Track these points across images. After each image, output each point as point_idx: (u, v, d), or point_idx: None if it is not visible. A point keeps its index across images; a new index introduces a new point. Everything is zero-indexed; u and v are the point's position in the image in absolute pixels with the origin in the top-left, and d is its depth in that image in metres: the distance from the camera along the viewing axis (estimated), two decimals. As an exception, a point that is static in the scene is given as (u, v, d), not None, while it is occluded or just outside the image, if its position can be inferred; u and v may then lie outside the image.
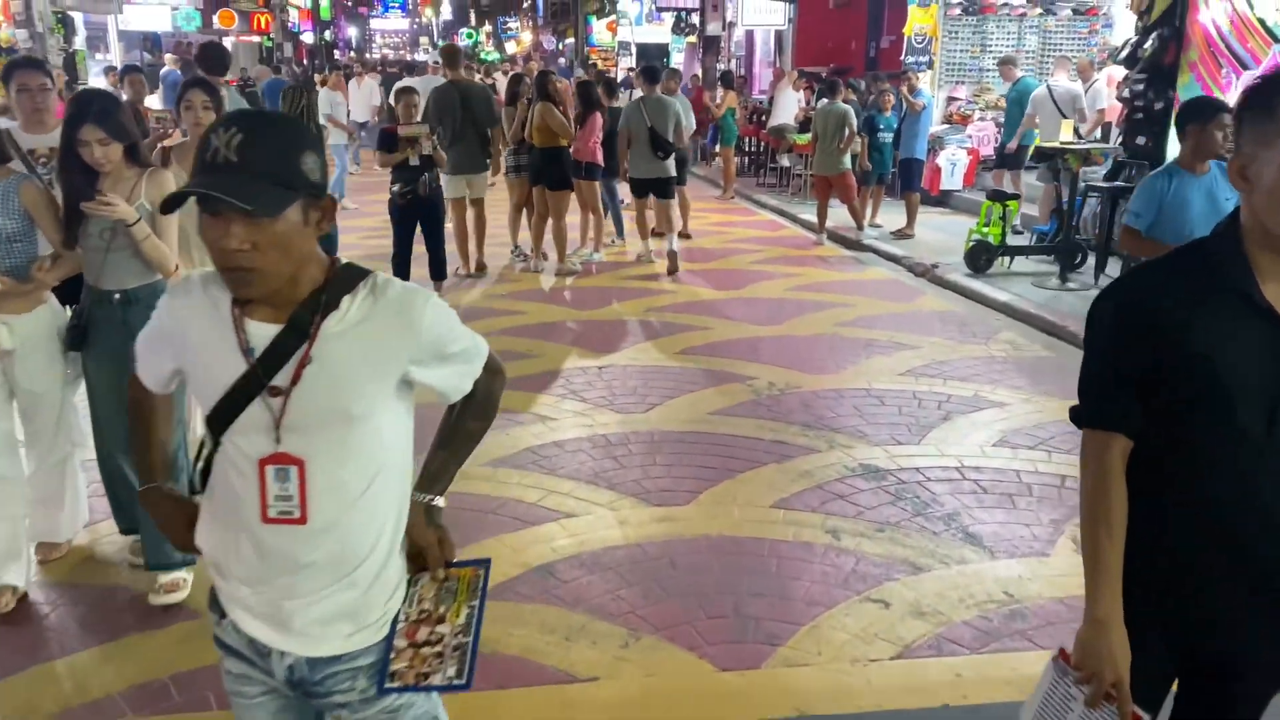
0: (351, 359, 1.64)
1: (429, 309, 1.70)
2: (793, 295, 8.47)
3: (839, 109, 10.64)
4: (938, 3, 13.62)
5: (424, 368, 1.73)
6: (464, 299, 8.31)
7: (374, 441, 1.70)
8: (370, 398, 1.67)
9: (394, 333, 1.68)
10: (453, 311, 1.80)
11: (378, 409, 1.69)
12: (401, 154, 7.40)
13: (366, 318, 1.66)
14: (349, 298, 1.66)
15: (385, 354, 1.68)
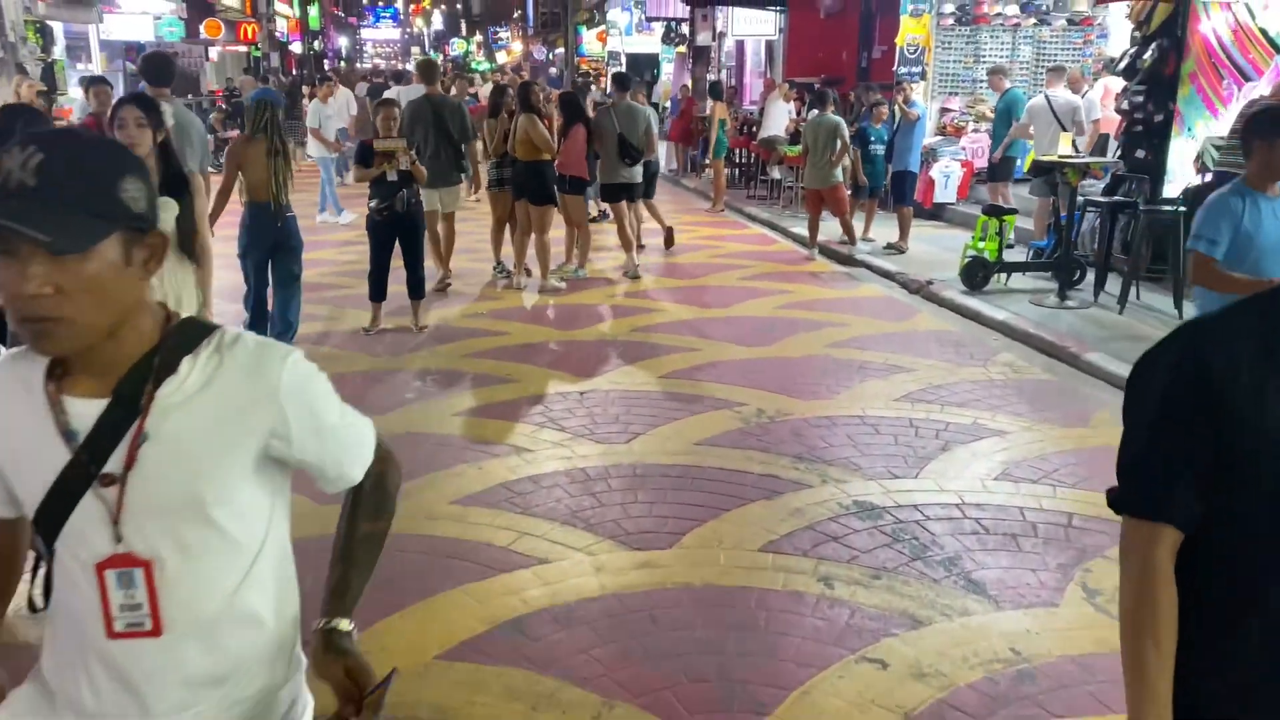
0: (196, 433, 1.36)
1: (289, 369, 1.42)
2: (784, 314, 8.19)
3: (830, 120, 10.39)
4: (930, 12, 13.40)
5: (289, 442, 1.44)
6: (443, 317, 8.02)
7: (238, 528, 1.42)
8: (225, 478, 1.39)
9: (247, 399, 1.40)
10: (322, 375, 1.51)
11: (239, 491, 1.41)
12: (377, 169, 7.12)
13: (211, 382, 1.38)
14: (189, 359, 1.38)
15: (238, 425, 1.40)
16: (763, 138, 14.46)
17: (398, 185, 7.19)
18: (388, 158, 7.07)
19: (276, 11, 35.84)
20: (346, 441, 1.53)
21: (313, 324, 7.75)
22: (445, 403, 5.92)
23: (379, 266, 7.47)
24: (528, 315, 8.21)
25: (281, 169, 6.22)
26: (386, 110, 7.26)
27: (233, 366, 1.40)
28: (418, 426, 5.50)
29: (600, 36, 33.20)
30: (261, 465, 1.45)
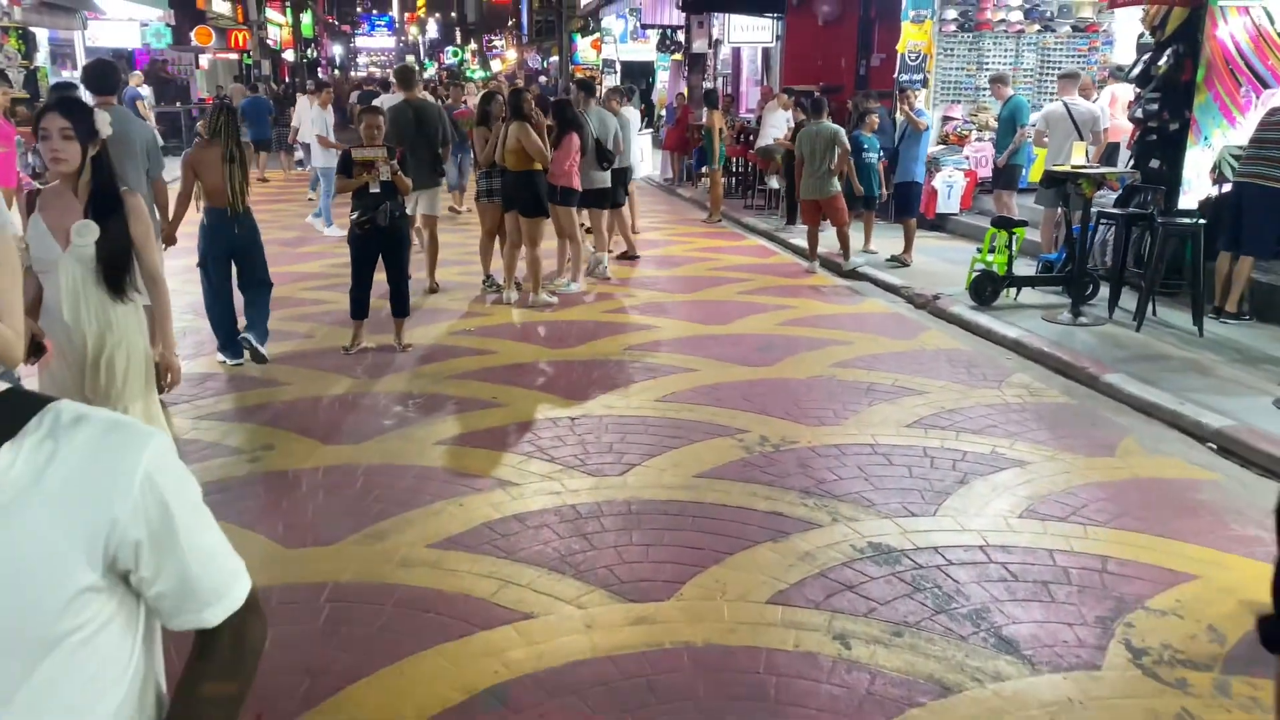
0: (22, 541, 1.02)
1: (149, 459, 1.09)
2: (785, 331, 7.82)
3: (828, 129, 10.04)
4: (932, 19, 13.07)
5: (133, 552, 1.09)
6: (429, 334, 7.64)
7: (89, 665, 1.07)
8: (62, 599, 1.04)
9: (89, 493, 1.06)
10: (193, 480, 1.16)
11: (84, 614, 1.06)
12: (358, 180, 6.74)
13: (42, 475, 1.04)
14: (10, 446, 1.04)
15: (77, 529, 1.05)
16: (761, 147, 14.11)
17: (380, 197, 6.82)
18: (368, 168, 6.70)
19: (268, 19, 35.54)
20: (207, 570, 1.16)
21: (288, 342, 7.37)
22: (427, 430, 5.53)
23: (360, 282, 7.10)
24: (517, 333, 7.83)
25: (237, 175, 6.23)
26: (370, 118, 6.89)
27: (72, 454, 1.05)
28: (396, 456, 5.12)
29: (595, 44, 32.87)
30: (113, 579, 1.09)
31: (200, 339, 7.39)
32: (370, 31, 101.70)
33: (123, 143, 5.48)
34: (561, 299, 8.90)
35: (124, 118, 5.93)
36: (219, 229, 6.34)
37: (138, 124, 6.24)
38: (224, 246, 6.41)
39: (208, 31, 30.07)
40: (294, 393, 6.23)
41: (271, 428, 5.58)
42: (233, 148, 6.26)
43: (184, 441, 5.37)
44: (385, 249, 7.03)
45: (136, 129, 6.03)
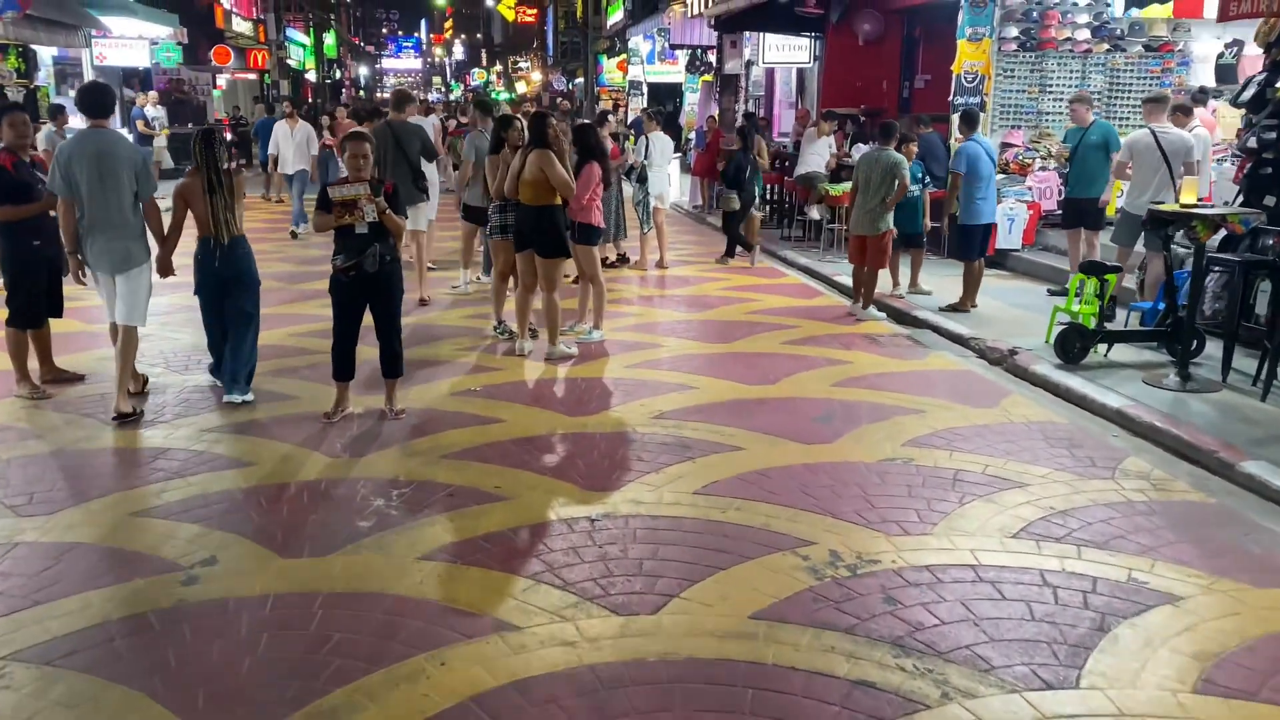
0: None
1: None
2: (842, 394, 6.69)
3: (889, 157, 8.92)
4: (991, 37, 11.97)
5: None
6: (427, 395, 6.56)
7: None
8: None
9: None
10: None
11: None
12: (336, 220, 5.69)
13: None
14: None
15: None
16: (800, 174, 13.01)
17: (368, 238, 5.76)
18: (349, 208, 5.64)
19: (288, 38, 34.89)
20: None
21: (263, 405, 6.31)
22: (410, 536, 4.43)
23: (343, 337, 6.03)
24: (529, 393, 6.73)
25: (219, 205, 6.04)
26: (354, 145, 5.81)
27: None
28: (367, 579, 4.02)
29: (621, 66, 32.01)
30: None
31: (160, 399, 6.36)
32: (397, 53, 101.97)
33: (107, 164, 5.82)
34: (581, 350, 7.81)
35: (112, 140, 6.03)
36: (205, 259, 6.19)
37: (126, 146, 6.20)
38: (211, 277, 6.23)
39: (226, 51, 29.42)
40: (258, 475, 5.15)
41: (220, 530, 4.49)
42: (212, 177, 6.05)
43: (106, 550, 4.29)
44: (374, 298, 5.96)
45: (124, 151, 6.06)
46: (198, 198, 6.05)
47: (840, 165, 13.14)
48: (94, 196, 5.85)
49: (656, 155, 11.72)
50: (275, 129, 14.44)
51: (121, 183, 5.89)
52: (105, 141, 5.95)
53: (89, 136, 5.95)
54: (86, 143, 5.91)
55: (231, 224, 6.11)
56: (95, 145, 5.88)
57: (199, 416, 6.12)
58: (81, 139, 5.98)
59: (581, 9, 39.92)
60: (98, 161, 5.82)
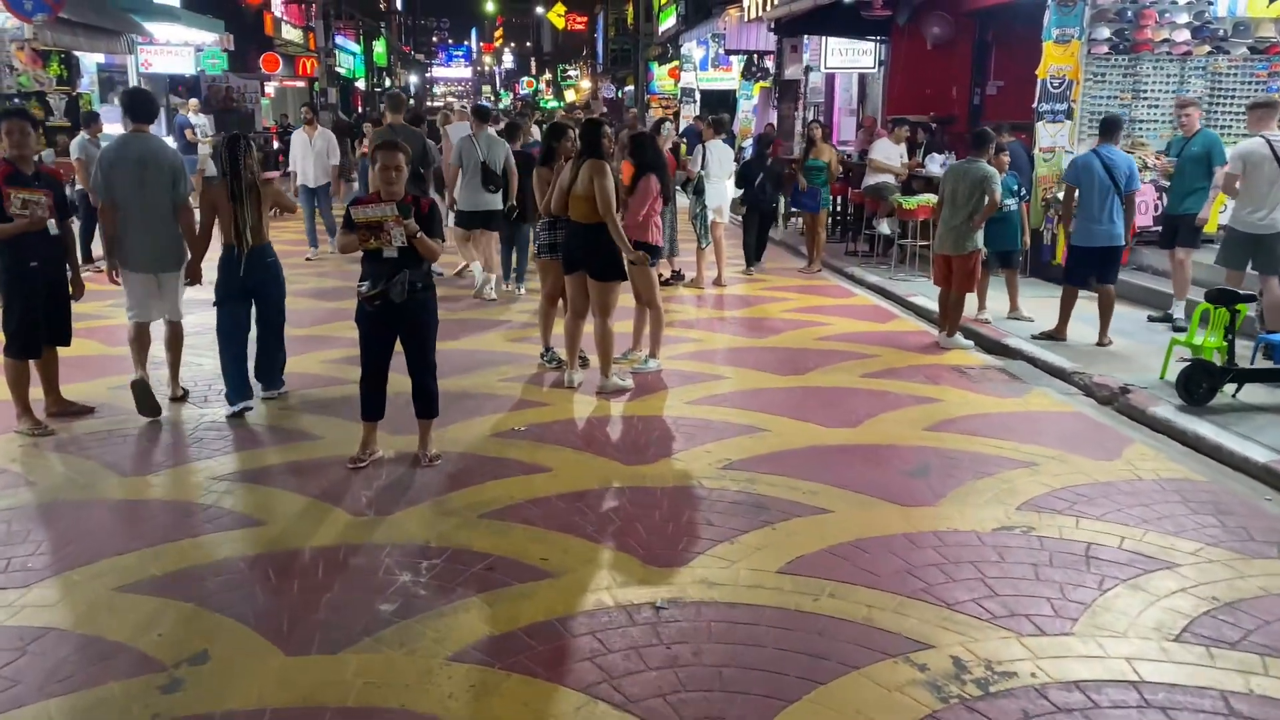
0: None
1: None
2: (935, 440, 5.86)
3: (979, 170, 8.06)
4: (1080, 39, 11.03)
5: None
6: (466, 435, 5.84)
7: None
8: None
9: None
10: None
11: None
12: (361, 243, 4.99)
13: None
14: None
15: None
16: (870, 185, 12.15)
17: (398, 262, 5.06)
18: (375, 231, 4.93)
19: (338, 46, 34.68)
20: None
21: (283, 446, 5.64)
22: (439, 626, 3.69)
23: (372, 373, 5.34)
24: (580, 435, 5.98)
25: (244, 212, 5.95)
26: (385, 155, 5.08)
27: None
28: (384, 690, 3.28)
29: (673, 73, 31.30)
30: None
31: (170, 440, 5.72)
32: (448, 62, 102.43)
33: (149, 169, 6.00)
34: (637, 381, 7.06)
35: (154, 146, 6.18)
36: (228, 267, 6.09)
37: (167, 151, 6.26)
38: (235, 285, 6.12)
39: (275, 58, 29.23)
40: (268, 538, 4.46)
41: (217, 612, 3.79)
42: (234, 185, 5.96)
43: (81, 639, 3.61)
44: (403, 330, 5.26)
45: (166, 156, 6.16)
46: (222, 204, 6.00)
47: (912, 176, 12.30)
48: (134, 200, 6.00)
49: (714, 166, 10.91)
50: (293, 139, 13.14)
51: (162, 186, 6.05)
52: (147, 147, 6.11)
53: (131, 141, 6.10)
54: (129, 147, 6.06)
55: (259, 231, 6.04)
56: (138, 150, 6.04)
57: (211, 460, 5.46)
58: (124, 144, 6.12)
59: (633, 15, 39.34)
60: (140, 166, 5.99)
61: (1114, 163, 7.93)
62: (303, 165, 12.57)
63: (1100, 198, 7.94)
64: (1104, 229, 7.95)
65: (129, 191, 6.00)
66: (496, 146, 9.77)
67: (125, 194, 6.00)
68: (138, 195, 6.00)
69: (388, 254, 5.05)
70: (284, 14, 31.32)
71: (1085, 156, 8.19)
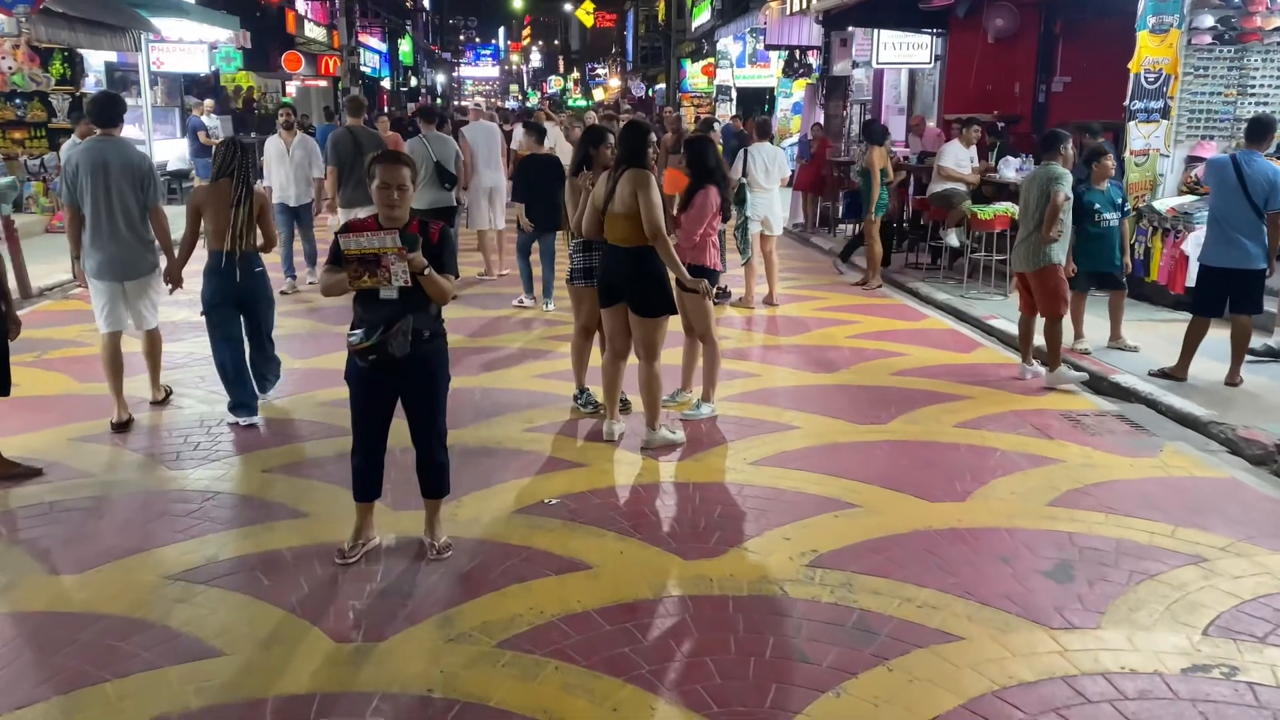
0: None
1: None
2: (1069, 520, 4.70)
3: (1047, 171, 6.91)
4: (1179, 28, 9.78)
5: None
6: (483, 511, 4.75)
7: None
8: None
9: None
10: None
11: None
12: (352, 281, 3.89)
13: None
14: None
15: None
16: (935, 192, 10.94)
17: (399, 306, 3.97)
18: (369, 266, 3.83)
19: (361, 44, 33.75)
20: None
21: (262, 526, 4.56)
22: None
23: (365, 445, 4.24)
24: (624, 512, 4.86)
25: (242, 218, 5.77)
26: (386, 171, 3.97)
27: None
28: None
29: (706, 70, 30.12)
30: None
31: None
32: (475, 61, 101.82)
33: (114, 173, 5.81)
34: (688, 429, 5.94)
35: (121, 150, 5.93)
36: (219, 274, 5.86)
37: (135, 155, 6.00)
38: (227, 293, 5.90)
39: (297, 57, 28.34)
40: (219, 681, 3.36)
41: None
42: (241, 189, 5.77)
43: None
44: (406, 391, 4.17)
45: (133, 160, 5.93)
46: (218, 208, 5.77)
47: (984, 180, 11.09)
48: (100, 205, 5.80)
49: (759, 172, 9.68)
50: (267, 146, 10.58)
51: (128, 192, 5.86)
52: (113, 151, 5.88)
53: (97, 146, 5.89)
54: (94, 152, 5.84)
55: (247, 239, 5.80)
56: (103, 154, 5.83)
57: (170, 548, 4.39)
58: (89, 148, 5.90)
59: (664, 11, 38.21)
60: (105, 171, 5.79)
61: (1251, 174, 6.70)
62: (279, 179, 10.24)
63: (1237, 209, 6.73)
64: (1239, 248, 6.73)
65: (94, 196, 5.80)
66: (446, 145, 9.99)
67: (91, 200, 5.80)
68: (104, 201, 5.81)
69: (385, 294, 3.96)
70: (308, 11, 30.41)
71: (1221, 159, 7.00)
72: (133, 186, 5.87)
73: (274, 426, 6.06)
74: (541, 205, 8.98)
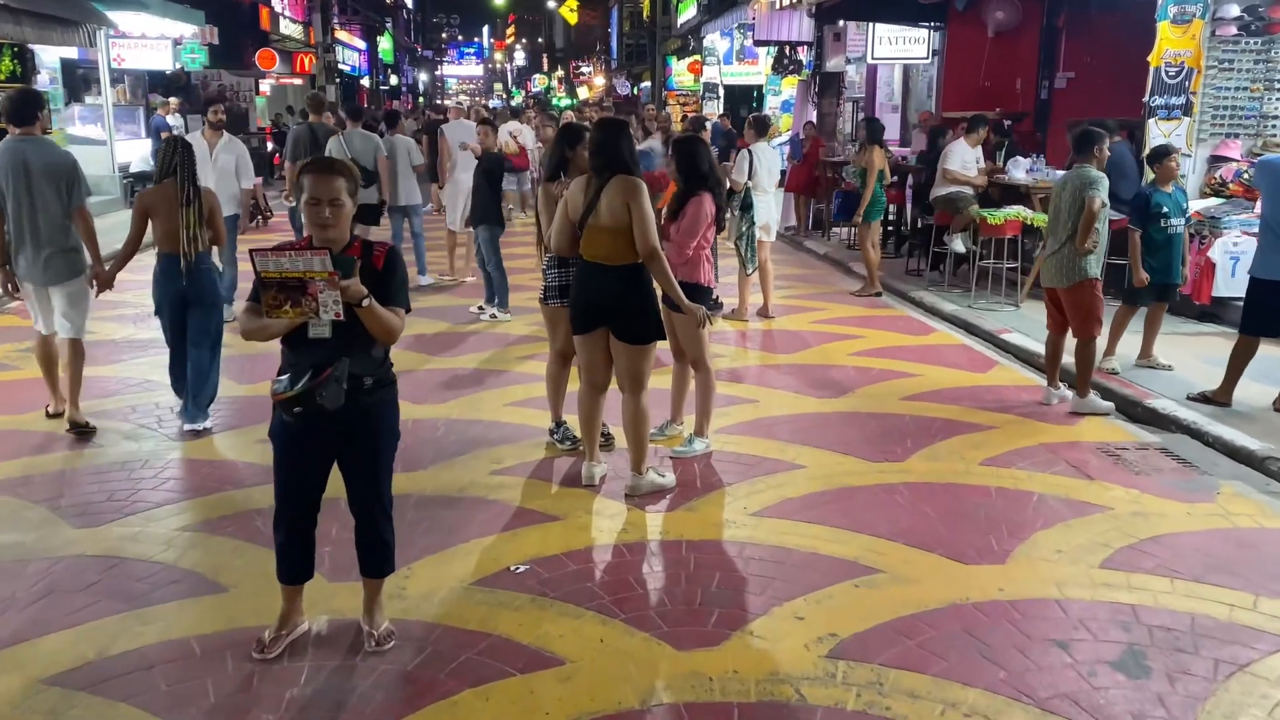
0: None
1: None
2: (1126, 587, 3.99)
3: (1081, 175, 6.19)
4: (1203, 18, 9.10)
5: None
6: (436, 585, 3.99)
7: None
8: None
9: None
10: None
11: None
12: (271, 310, 3.10)
13: None
14: None
15: None
16: (940, 195, 10.23)
17: (333, 346, 3.20)
18: (291, 294, 3.06)
19: (338, 41, 32.84)
20: None
21: (165, 608, 3.79)
22: None
23: (294, 516, 3.49)
24: (604, 583, 4.10)
25: (193, 218, 5.60)
26: (316, 182, 3.18)
27: None
28: None
29: (692, 67, 29.38)
30: None
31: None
32: (459, 59, 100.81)
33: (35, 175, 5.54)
34: (681, 471, 5.20)
35: (40, 149, 5.66)
36: (169, 277, 5.71)
37: (56, 154, 5.76)
38: (175, 296, 5.73)
39: (272, 54, 27.41)
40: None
41: None
42: (188, 189, 5.60)
43: None
44: (344, 452, 3.40)
45: (54, 159, 5.67)
46: (165, 210, 5.61)
47: (992, 182, 10.39)
48: (21, 208, 5.57)
49: (763, 174, 8.97)
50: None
51: (50, 193, 5.60)
52: (34, 150, 5.63)
53: (15, 146, 5.62)
54: (12, 152, 5.59)
55: (201, 239, 5.61)
56: (22, 154, 5.58)
57: (54, 637, 3.61)
58: (7, 149, 5.64)
59: (649, 8, 37.47)
60: (25, 171, 5.54)
61: None
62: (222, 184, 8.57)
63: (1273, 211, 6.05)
64: (1295, 262, 6.05)
65: (14, 199, 5.56)
66: (367, 142, 9.92)
67: (12, 202, 5.56)
68: (25, 203, 5.55)
69: (315, 332, 3.20)
70: (284, 8, 29.47)
71: (1274, 160, 6.30)
72: (55, 188, 5.59)
73: (204, 470, 5.29)
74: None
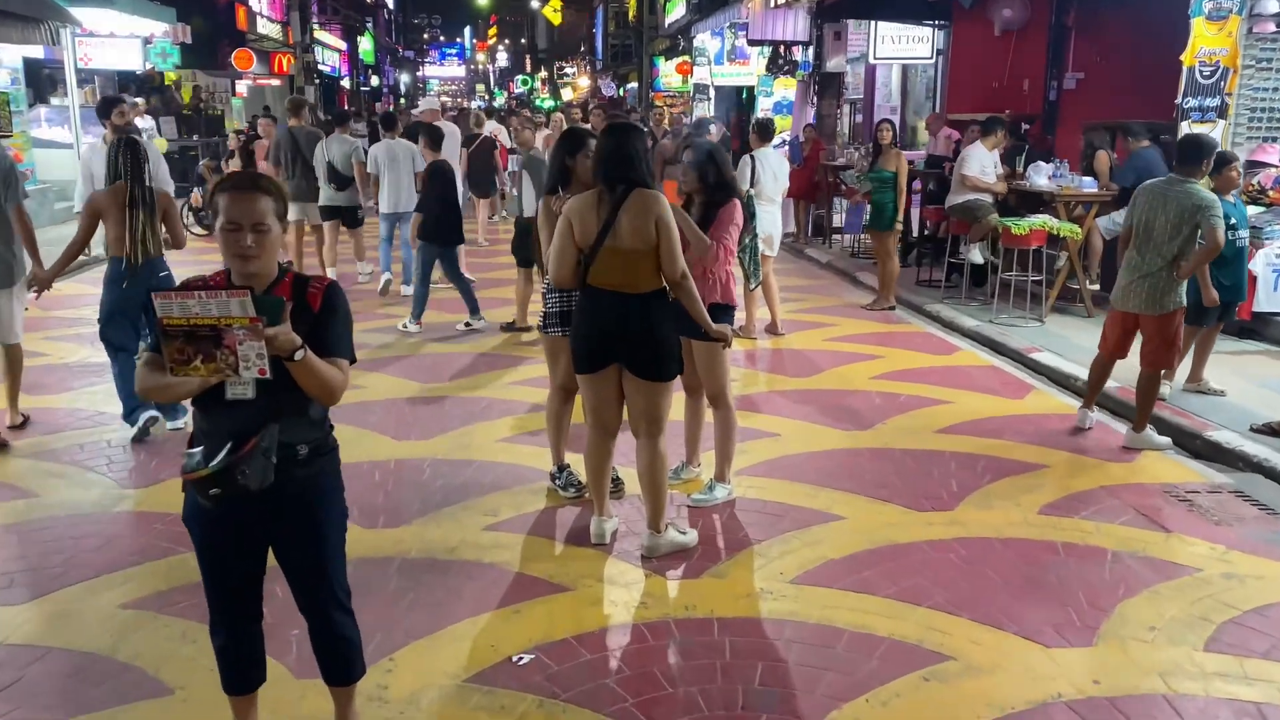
0: None
1: None
2: (1239, 676, 3.38)
3: (1194, 197, 5.50)
4: (1240, 14, 8.54)
5: None
6: (423, 679, 3.33)
7: None
8: None
9: None
10: None
11: None
12: (177, 366, 2.39)
13: None
14: None
15: None
16: (957, 203, 9.61)
17: (256, 410, 2.52)
18: (200, 346, 2.36)
19: (317, 41, 32.02)
20: None
21: (97, 716, 3.11)
22: None
23: (229, 617, 2.79)
24: (624, 677, 3.44)
25: (142, 221, 5.41)
26: (235, 202, 2.46)
27: None
28: None
29: (680, 68, 28.73)
30: None
31: None
32: (441, 60, 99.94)
33: None
34: (701, 523, 4.56)
35: None
36: (117, 281, 5.50)
37: None
38: (124, 301, 5.50)
39: (249, 55, 26.58)
40: None
41: None
42: (136, 190, 5.39)
43: None
44: (280, 539, 2.72)
45: None
46: (115, 213, 5.43)
47: (1011, 188, 9.79)
48: None
49: (768, 181, 8.33)
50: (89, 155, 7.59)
51: None
52: None
53: None
54: None
55: (149, 243, 5.45)
56: None
57: None
58: None
59: (635, 8, 36.83)
60: None
61: None
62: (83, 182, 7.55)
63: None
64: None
65: None
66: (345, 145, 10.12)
67: None
68: None
69: (235, 393, 2.51)
70: (262, 7, 28.65)
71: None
72: None
73: (156, 526, 4.59)
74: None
